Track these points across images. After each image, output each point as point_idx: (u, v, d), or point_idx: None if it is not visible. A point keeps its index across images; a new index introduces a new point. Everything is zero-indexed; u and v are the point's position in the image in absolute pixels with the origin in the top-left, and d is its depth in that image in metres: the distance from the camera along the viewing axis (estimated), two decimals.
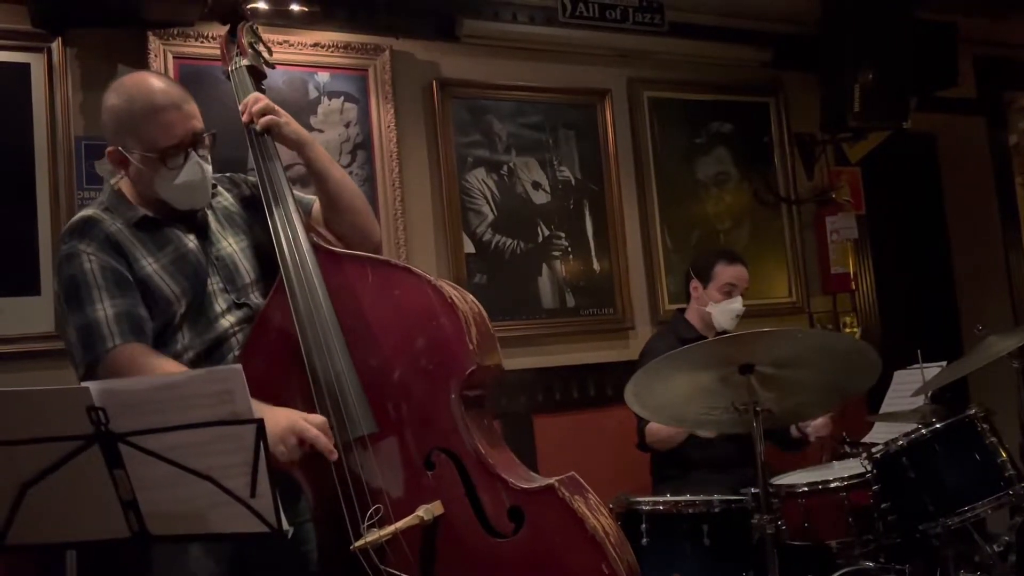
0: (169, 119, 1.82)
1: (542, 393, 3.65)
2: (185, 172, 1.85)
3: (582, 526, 1.67)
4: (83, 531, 1.39)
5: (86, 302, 1.75)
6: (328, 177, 2.03)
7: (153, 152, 1.82)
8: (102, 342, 1.73)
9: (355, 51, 3.44)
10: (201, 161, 1.87)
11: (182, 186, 1.86)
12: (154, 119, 1.82)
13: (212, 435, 1.32)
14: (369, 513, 1.70)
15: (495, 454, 1.81)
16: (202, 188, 1.90)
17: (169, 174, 1.84)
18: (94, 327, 1.74)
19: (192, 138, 1.85)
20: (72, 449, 1.29)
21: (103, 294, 1.76)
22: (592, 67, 3.92)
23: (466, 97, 3.65)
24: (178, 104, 1.85)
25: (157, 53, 3.08)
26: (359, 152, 3.43)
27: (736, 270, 3.26)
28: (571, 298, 3.75)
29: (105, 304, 1.75)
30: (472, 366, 1.79)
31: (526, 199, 3.72)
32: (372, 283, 1.85)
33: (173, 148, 1.83)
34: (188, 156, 1.84)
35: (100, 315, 1.74)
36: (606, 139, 3.88)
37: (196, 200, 1.91)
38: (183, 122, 1.84)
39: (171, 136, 1.82)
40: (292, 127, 2.00)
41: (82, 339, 1.75)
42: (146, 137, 1.82)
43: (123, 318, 1.76)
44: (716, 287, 3.24)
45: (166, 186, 1.86)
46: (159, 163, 1.83)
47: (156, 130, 1.82)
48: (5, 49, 2.93)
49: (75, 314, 1.76)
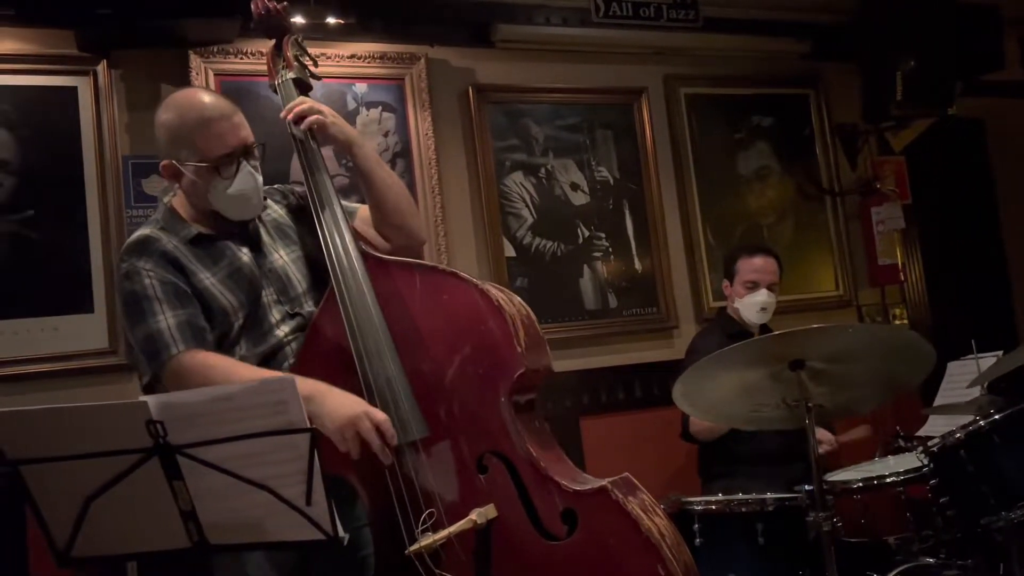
0: (221, 129, 1.86)
1: (587, 395, 3.64)
2: (238, 181, 1.88)
3: (637, 527, 1.66)
4: (145, 542, 1.41)
5: (148, 315, 1.80)
6: (375, 176, 2.04)
7: (207, 162, 1.86)
8: (166, 349, 1.77)
9: (391, 61, 3.47)
10: (253, 170, 1.90)
11: (236, 195, 1.89)
12: (206, 130, 1.86)
13: (268, 445, 1.34)
14: (423, 517, 1.71)
15: (547, 456, 1.80)
16: (255, 197, 1.93)
17: (223, 183, 1.88)
18: (156, 336, 1.78)
19: (244, 148, 1.89)
20: (133, 462, 1.32)
21: (164, 307, 1.80)
22: (627, 66, 3.91)
23: (502, 102, 3.66)
24: (228, 115, 1.89)
25: (199, 71, 3.14)
26: (398, 160, 3.45)
27: (756, 262, 3.23)
28: (613, 299, 3.73)
29: (167, 315, 1.80)
30: (521, 368, 1.79)
31: (565, 201, 3.72)
32: (420, 289, 1.86)
33: (226, 157, 1.87)
34: (240, 165, 1.88)
35: (162, 325, 1.79)
36: (644, 138, 3.86)
37: (249, 210, 1.94)
38: (234, 132, 1.88)
39: (224, 145, 1.86)
40: (339, 126, 2.02)
41: (146, 349, 1.79)
42: (199, 148, 1.86)
43: (184, 327, 1.80)
44: (740, 282, 3.23)
45: (220, 196, 1.89)
46: (213, 173, 1.87)
47: (209, 140, 1.85)
48: (54, 73, 3.01)
49: (138, 327, 1.81)
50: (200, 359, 1.78)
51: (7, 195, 2.92)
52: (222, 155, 1.86)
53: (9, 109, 2.95)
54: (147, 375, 1.82)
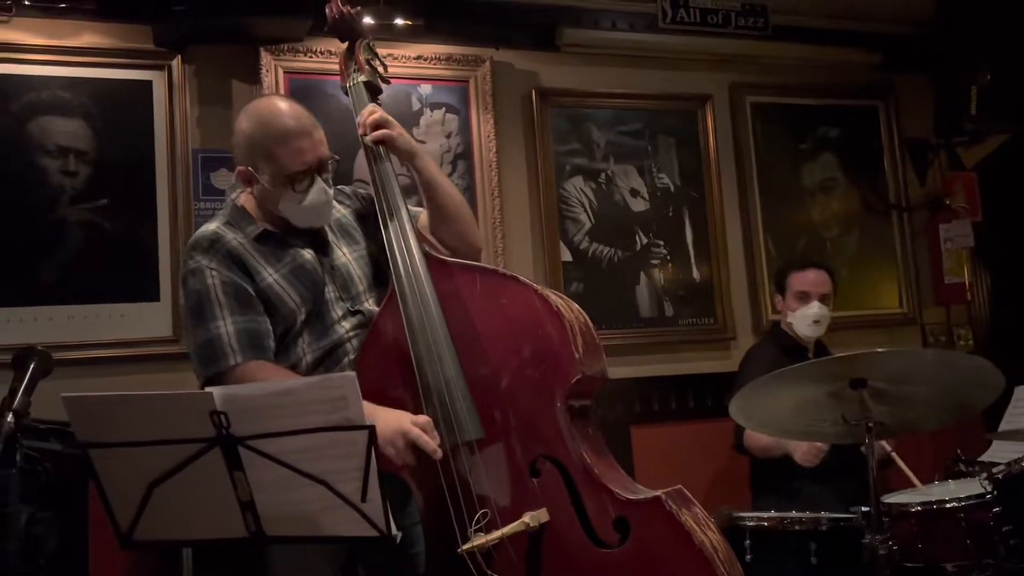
0: (300, 146, 1.89)
1: (639, 403, 3.61)
2: (311, 196, 1.91)
3: (690, 540, 1.65)
4: (204, 530, 1.44)
5: (209, 318, 1.83)
6: (437, 187, 2.08)
7: (283, 176, 1.89)
8: (224, 359, 1.81)
9: (456, 63, 3.50)
10: (325, 185, 1.94)
11: (307, 208, 1.93)
12: (286, 145, 1.88)
13: (326, 440, 1.36)
14: (477, 517, 1.72)
15: (600, 464, 1.80)
16: (325, 210, 1.98)
17: (296, 197, 1.91)
18: (216, 343, 1.82)
19: (319, 164, 1.92)
20: (196, 451, 1.35)
21: (225, 311, 1.84)
22: (693, 73, 3.87)
23: (565, 106, 3.66)
24: (309, 131, 1.91)
25: (269, 68, 3.20)
26: (459, 162, 3.47)
27: (806, 276, 3.18)
28: (670, 307, 3.70)
29: (227, 320, 1.83)
30: (578, 375, 1.79)
31: (624, 207, 3.70)
32: (480, 292, 1.88)
33: (301, 173, 1.90)
34: (314, 181, 1.91)
35: (222, 331, 1.82)
36: (707, 145, 3.83)
37: (318, 221, 1.99)
38: (313, 149, 1.91)
39: (301, 162, 1.89)
40: (404, 139, 2.06)
41: (204, 353, 1.83)
42: (277, 161, 1.89)
43: (243, 335, 1.83)
44: (791, 296, 3.19)
45: (291, 207, 1.93)
46: (287, 186, 1.90)
47: (287, 156, 1.88)
48: (130, 67, 3.10)
49: (199, 328, 1.85)
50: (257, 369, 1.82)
51: (82, 184, 3.02)
52: (298, 171, 1.89)
53: (87, 101, 3.05)
54: (201, 379, 1.85)
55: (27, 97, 2.99)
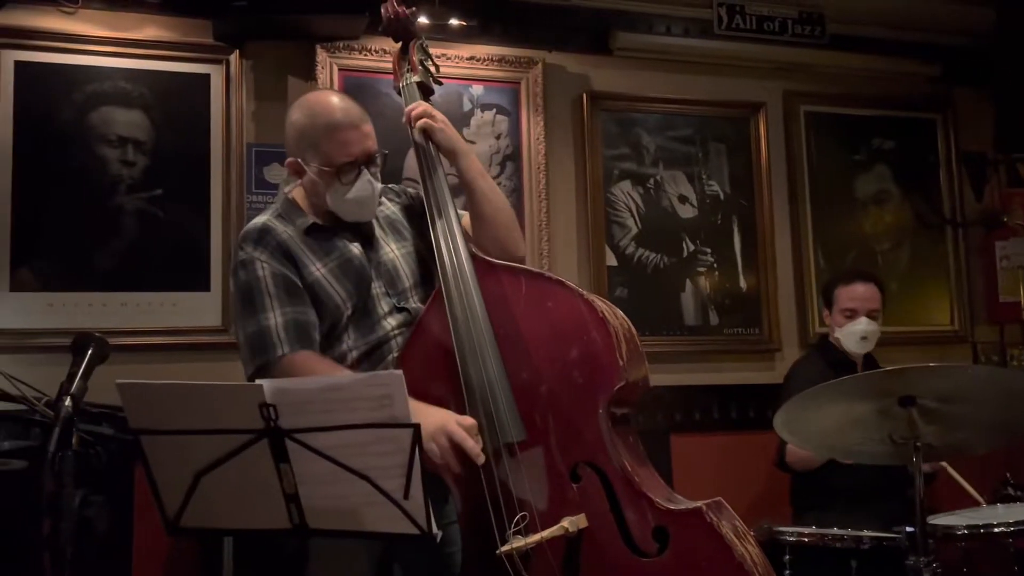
0: (347, 138, 1.91)
1: (680, 412, 3.59)
2: (356, 188, 1.93)
3: (730, 553, 1.63)
4: (249, 520, 1.47)
5: (258, 308, 1.86)
6: (475, 188, 2.05)
7: (329, 167, 1.91)
8: (272, 349, 1.83)
9: (509, 64, 3.51)
10: (372, 179, 1.95)
11: (352, 200, 1.94)
12: (333, 136, 1.91)
13: (371, 436, 1.37)
14: (516, 520, 1.72)
15: (641, 472, 1.79)
16: (371, 204, 1.98)
17: (342, 188, 1.93)
18: (264, 334, 1.84)
19: (366, 157, 1.94)
20: (244, 442, 1.37)
21: (274, 302, 1.86)
22: (746, 80, 3.84)
23: (615, 110, 3.65)
24: (357, 124, 1.93)
25: (324, 66, 3.24)
26: (508, 163, 3.48)
27: (854, 290, 3.12)
28: (715, 316, 3.67)
29: (276, 312, 1.85)
30: (621, 382, 1.78)
31: (672, 213, 3.68)
32: (526, 294, 1.87)
33: (348, 165, 1.91)
34: (361, 173, 1.93)
35: (271, 322, 1.84)
36: (758, 153, 3.79)
37: (363, 214, 2.00)
38: (360, 141, 1.92)
39: (348, 154, 1.91)
40: (446, 134, 2.04)
41: (253, 344, 1.85)
42: (324, 152, 1.91)
43: (291, 326, 1.85)
44: (838, 310, 3.14)
45: (337, 199, 1.94)
46: (334, 177, 1.92)
47: (334, 147, 1.91)
48: (189, 61, 3.16)
49: (248, 319, 1.87)
50: (304, 360, 1.83)
51: (139, 173, 3.09)
52: (345, 163, 1.91)
53: (147, 92, 3.12)
54: (249, 369, 1.87)
55: (90, 87, 3.07)
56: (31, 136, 2.99)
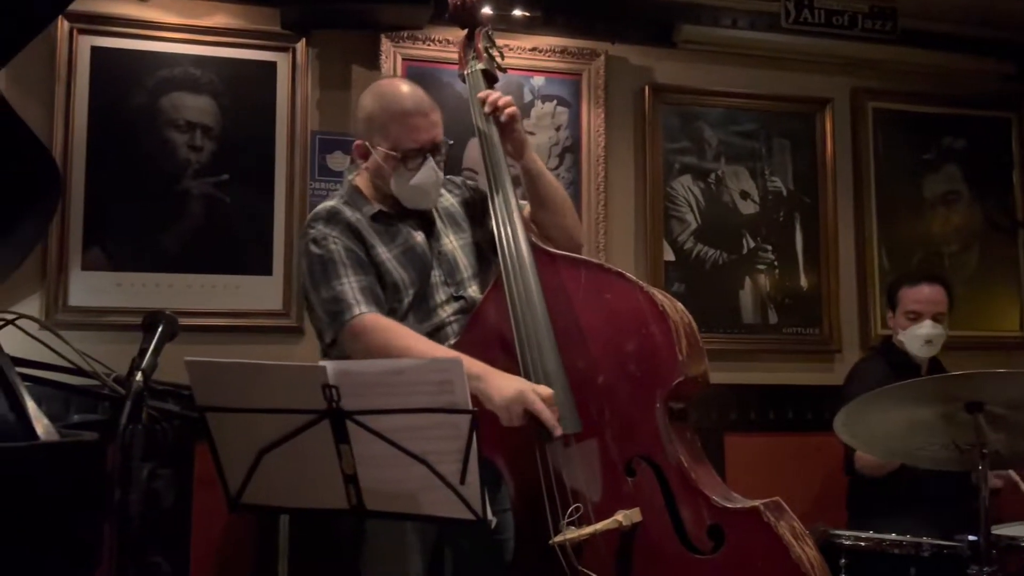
0: (416, 124, 1.96)
1: (736, 411, 3.55)
2: (420, 175, 1.97)
3: (786, 554, 1.61)
4: (308, 499, 1.49)
5: (333, 277, 1.91)
6: (542, 178, 2.11)
7: (396, 152, 1.96)
8: (349, 310, 1.88)
9: (571, 56, 3.49)
10: (436, 167, 1.99)
11: (416, 187, 1.98)
12: (403, 122, 1.96)
13: (430, 421, 1.38)
14: (570, 511, 1.72)
15: (698, 469, 1.77)
16: (433, 192, 2.03)
17: (407, 174, 1.97)
18: (341, 297, 1.89)
19: (432, 145, 1.98)
20: (306, 422, 1.39)
21: (348, 271, 1.92)
22: (813, 75, 3.77)
23: (677, 103, 3.61)
24: (426, 112, 1.98)
25: (388, 55, 3.26)
26: (567, 155, 3.47)
27: (919, 292, 3.03)
28: (774, 314, 3.62)
29: (351, 279, 1.91)
30: (680, 377, 1.77)
31: (733, 209, 3.63)
32: (585, 286, 1.87)
33: (414, 151, 1.96)
34: (426, 160, 1.97)
35: (347, 287, 1.90)
36: (824, 150, 3.72)
37: (425, 201, 2.04)
38: (428, 129, 1.97)
39: (415, 140, 1.96)
40: (521, 127, 2.09)
41: (331, 309, 1.90)
42: (393, 137, 1.96)
43: (367, 291, 1.90)
44: (902, 312, 3.06)
45: (401, 184, 1.98)
46: (399, 163, 1.97)
47: (403, 132, 1.95)
48: (257, 48, 3.21)
49: (323, 287, 1.91)
50: (379, 321, 1.87)
51: (207, 158, 3.15)
52: (411, 149, 1.95)
53: (215, 79, 3.18)
54: (328, 335, 1.92)
55: (160, 73, 3.13)
56: (105, 119, 3.07)
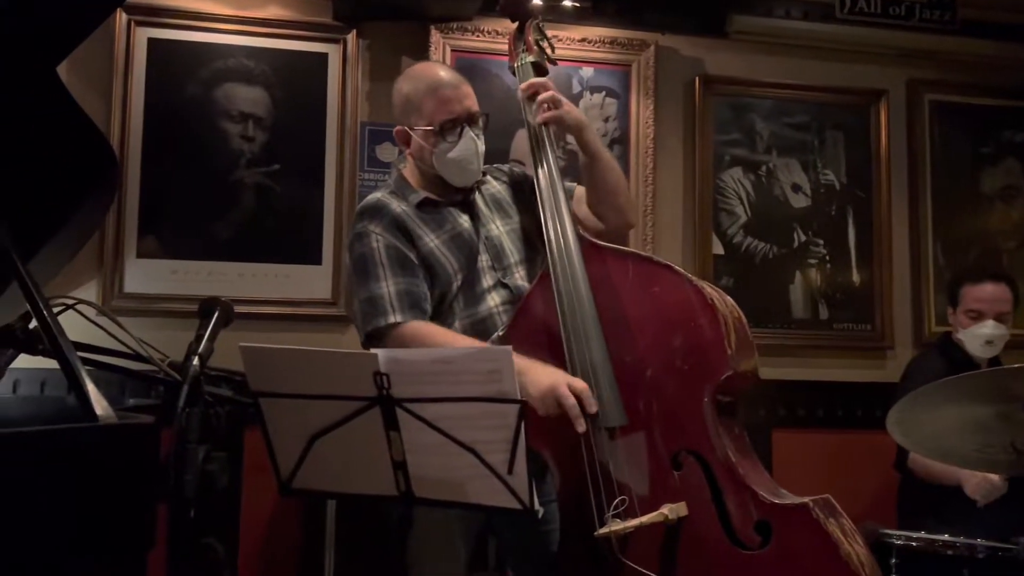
0: (447, 95, 2.00)
1: (784, 407, 3.50)
2: (460, 147, 1.99)
3: (836, 551, 1.59)
4: (357, 485, 1.51)
5: (371, 278, 1.93)
6: (600, 158, 2.09)
7: (433, 126, 1.99)
8: (384, 315, 1.90)
9: (621, 46, 3.47)
10: (475, 137, 2.01)
11: (457, 160, 2.00)
12: (434, 95, 2.00)
13: (479, 410, 1.39)
14: (615, 503, 1.71)
15: (745, 464, 1.76)
16: (475, 163, 2.04)
17: (446, 147, 1.99)
18: (377, 301, 1.91)
19: (468, 115, 2.01)
20: (357, 408, 1.41)
21: (387, 272, 1.93)
22: (868, 66, 3.70)
23: (728, 94, 3.57)
24: (456, 84, 2.03)
25: (437, 46, 3.28)
26: (615, 147, 3.45)
27: (983, 290, 2.93)
28: (824, 309, 3.56)
29: (388, 281, 1.93)
30: (728, 371, 1.76)
31: (784, 202, 3.58)
32: (633, 278, 1.86)
33: (450, 122, 1.99)
34: (463, 131, 1.99)
35: (383, 291, 1.92)
36: (878, 143, 3.65)
37: (468, 175, 2.05)
38: (460, 100, 2.00)
39: (449, 111, 1.99)
40: (572, 115, 2.06)
41: (366, 310, 1.93)
42: (427, 112, 2.00)
43: (404, 295, 1.92)
44: (963, 310, 2.96)
45: (443, 160, 2.01)
46: (438, 137, 1.99)
47: (436, 105, 1.99)
48: (309, 40, 3.25)
49: (362, 287, 1.95)
50: (414, 329, 1.89)
51: (259, 148, 3.20)
52: (447, 120, 1.98)
53: (268, 70, 3.22)
54: (362, 335, 1.95)
55: (215, 64, 3.19)
56: (161, 110, 3.13)
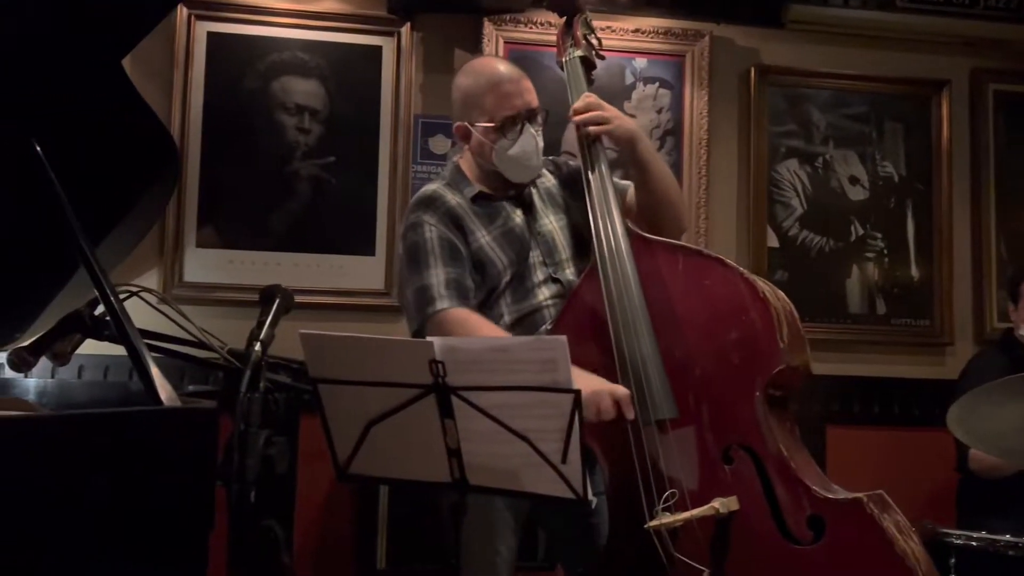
0: (508, 90, 1.99)
1: (839, 403, 3.46)
2: (520, 143, 1.99)
3: (891, 548, 1.57)
4: (412, 471, 1.53)
5: (422, 267, 1.95)
6: (650, 169, 2.06)
7: (493, 122, 1.99)
8: (432, 304, 1.92)
9: (674, 37, 3.45)
10: (535, 134, 2.01)
11: (517, 156, 2.00)
12: (495, 90, 1.99)
13: (533, 399, 1.40)
14: (665, 496, 1.71)
15: (797, 458, 1.74)
16: (535, 159, 2.03)
17: (507, 144, 1.99)
18: (426, 289, 1.93)
19: (528, 111, 2.00)
20: (413, 396, 1.43)
21: (437, 261, 1.95)
22: (929, 56, 3.61)
23: (785, 85, 3.53)
24: (516, 79, 2.02)
25: (490, 38, 3.29)
26: (668, 138, 3.43)
27: None
28: (882, 304, 3.50)
29: (438, 270, 1.94)
30: (780, 365, 1.74)
31: (841, 194, 3.53)
32: (683, 272, 1.86)
33: (511, 119, 1.98)
34: (524, 128, 1.99)
35: (433, 280, 1.93)
36: (939, 135, 3.57)
37: (528, 171, 2.05)
38: (520, 95, 2.00)
39: (510, 107, 1.98)
40: (623, 127, 2.03)
41: (417, 299, 1.94)
42: (488, 108, 2.00)
43: (452, 284, 1.93)
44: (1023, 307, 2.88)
45: (502, 156, 2.00)
46: (498, 133, 1.99)
47: (497, 101, 1.99)
48: (363, 33, 3.29)
49: (413, 276, 1.97)
50: (461, 316, 1.90)
51: (315, 141, 3.25)
52: (507, 116, 1.98)
53: (323, 63, 3.27)
54: (413, 324, 1.97)
55: (272, 57, 3.24)
56: (219, 103, 3.20)
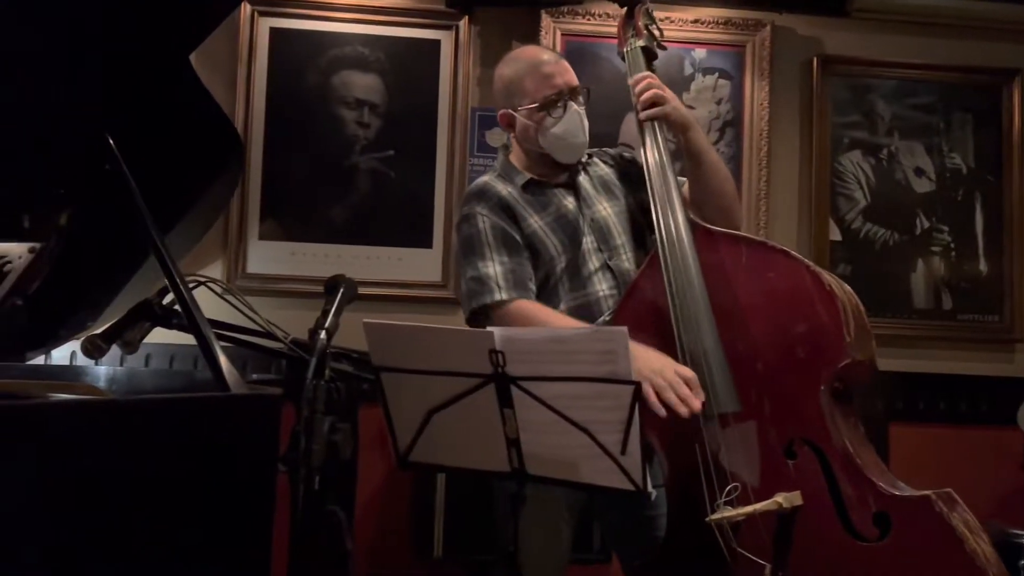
0: (548, 70, 2.03)
1: (903, 400, 3.37)
2: (565, 120, 2.01)
3: (961, 547, 1.54)
4: (471, 460, 1.55)
5: (479, 258, 1.97)
6: (704, 160, 2.05)
7: (536, 103, 2.01)
8: (490, 293, 1.94)
9: (735, 27, 3.40)
10: (579, 110, 2.03)
11: (563, 134, 2.02)
12: (535, 72, 2.03)
13: (592, 390, 1.40)
14: (727, 490, 1.70)
15: (863, 454, 1.72)
16: (580, 136, 2.04)
17: (551, 122, 2.01)
18: (484, 280, 1.95)
19: (570, 89, 2.03)
20: (473, 385, 1.44)
21: (493, 252, 1.97)
22: (1000, 44, 3.49)
23: (848, 75, 3.45)
24: (555, 60, 2.07)
25: (548, 30, 3.29)
26: (728, 130, 3.39)
27: None
28: (948, 299, 3.41)
29: (495, 261, 1.96)
30: (847, 359, 1.72)
31: (906, 187, 3.44)
32: (746, 264, 1.84)
33: (553, 97, 2.01)
34: (567, 106, 2.01)
35: (490, 270, 1.95)
36: (1011, 126, 3.45)
37: (575, 149, 2.06)
38: (560, 74, 2.03)
39: (551, 86, 2.01)
40: (678, 112, 2.03)
41: (472, 288, 1.97)
42: (529, 90, 2.02)
43: (510, 274, 1.95)
44: None
45: (548, 135, 2.02)
46: (542, 114, 2.01)
47: (537, 81, 2.02)
48: (422, 27, 3.31)
49: (468, 266, 1.99)
50: (521, 307, 1.92)
51: (374, 134, 3.28)
52: (549, 95, 2.01)
53: (382, 57, 3.30)
54: (467, 312, 1.99)
55: (332, 52, 3.29)
56: (282, 97, 3.25)
